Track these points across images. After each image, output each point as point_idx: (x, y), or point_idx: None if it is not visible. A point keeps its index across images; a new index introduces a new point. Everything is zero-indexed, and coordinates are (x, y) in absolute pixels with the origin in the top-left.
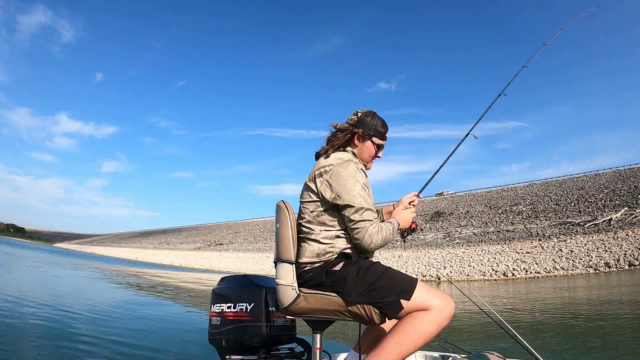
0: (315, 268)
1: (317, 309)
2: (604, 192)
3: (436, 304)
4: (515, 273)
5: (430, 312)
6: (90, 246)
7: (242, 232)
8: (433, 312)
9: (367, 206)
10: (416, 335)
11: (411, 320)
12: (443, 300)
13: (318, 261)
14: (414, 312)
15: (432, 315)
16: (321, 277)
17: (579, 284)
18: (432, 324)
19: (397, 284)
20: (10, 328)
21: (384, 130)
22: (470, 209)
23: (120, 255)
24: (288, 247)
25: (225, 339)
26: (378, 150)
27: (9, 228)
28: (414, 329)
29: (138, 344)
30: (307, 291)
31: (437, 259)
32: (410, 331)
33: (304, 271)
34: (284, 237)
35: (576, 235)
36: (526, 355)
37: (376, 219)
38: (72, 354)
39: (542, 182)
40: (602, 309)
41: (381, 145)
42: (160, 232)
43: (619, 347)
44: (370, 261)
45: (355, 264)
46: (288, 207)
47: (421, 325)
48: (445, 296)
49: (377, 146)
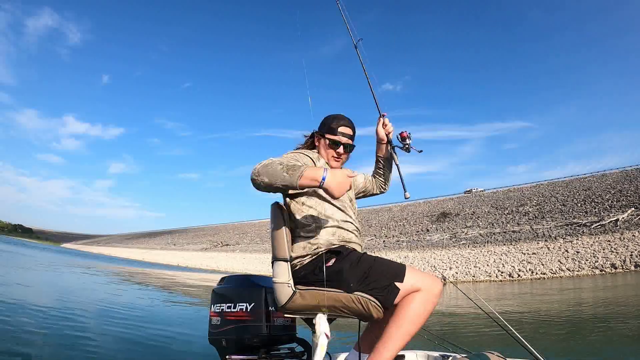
0: (307, 264)
1: (314, 306)
2: (611, 192)
3: (426, 284)
4: (520, 274)
5: (421, 292)
6: (97, 246)
7: (248, 233)
8: (424, 292)
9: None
10: (414, 316)
11: (406, 303)
12: (431, 279)
13: (306, 255)
14: (408, 295)
15: (424, 295)
16: (315, 273)
17: (585, 285)
18: (426, 302)
19: (389, 269)
20: (19, 327)
21: (336, 125)
22: (477, 209)
23: (127, 255)
24: (282, 245)
25: (225, 339)
26: (335, 146)
27: (16, 228)
28: (411, 310)
29: (138, 342)
30: (303, 288)
31: (443, 260)
32: (407, 313)
33: (297, 269)
34: (277, 236)
35: (582, 236)
36: (527, 356)
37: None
38: (74, 351)
39: (548, 182)
40: (607, 310)
41: (336, 141)
42: (166, 232)
43: (623, 348)
44: (360, 252)
45: (346, 257)
46: (281, 207)
47: (417, 305)
48: (432, 276)
49: (332, 142)
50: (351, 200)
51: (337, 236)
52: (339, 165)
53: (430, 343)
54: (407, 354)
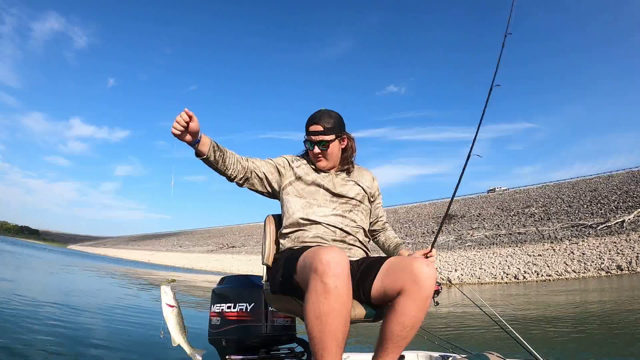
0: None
1: (291, 309)
2: (617, 193)
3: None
4: (526, 276)
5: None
6: (103, 248)
7: (254, 235)
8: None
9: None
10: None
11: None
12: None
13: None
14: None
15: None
16: (271, 278)
17: (590, 287)
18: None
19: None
20: (26, 327)
21: (307, 126)
22: (482, 211)
23: (133, 257)
24: (265, 251)
25: (225, 339)
26: (310, 147)
27: (22, 230)
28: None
29: (139, 341)
30: (274, 295)
31: (448, 262)
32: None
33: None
34: (263, 244)
35: (588, 238)
36: (527, 357)
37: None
38: (76, 348)
39: (554, 183)
40: (612, 313)
41: (309, 142)
42: (172, 234)
43: (627, 349)
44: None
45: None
46: (272, 219)
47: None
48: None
49: (306, 144)
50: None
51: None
52: (325, 165)
53: (431, 344)
54: (408, 354)
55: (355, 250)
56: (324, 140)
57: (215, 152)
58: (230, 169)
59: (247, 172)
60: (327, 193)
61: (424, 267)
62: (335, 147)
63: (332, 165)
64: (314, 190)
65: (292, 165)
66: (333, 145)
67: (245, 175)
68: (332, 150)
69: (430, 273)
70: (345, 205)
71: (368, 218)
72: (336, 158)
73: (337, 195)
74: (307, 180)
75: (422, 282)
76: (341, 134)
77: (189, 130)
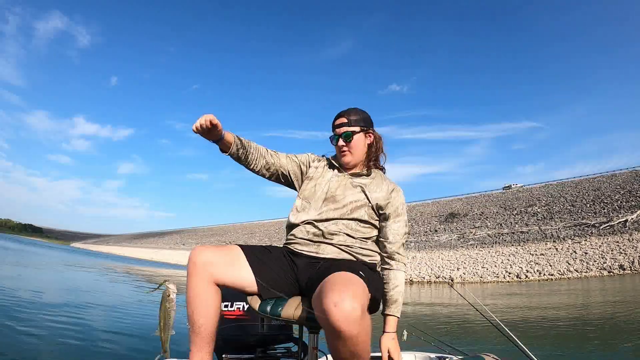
0: None
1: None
2: (620, 192)
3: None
4: (528, 275)
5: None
6: (106, 246)
7: (257, 233)
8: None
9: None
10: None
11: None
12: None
13: None
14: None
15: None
16: None
17: (592, 287)
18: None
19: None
20: (29, 324)
21: (333, 123)
22: (485, 210)
23: (136, 255)
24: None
25: (222, 338)
26: (334, 141)
27: (26, 228)
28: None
29: (140, 339)
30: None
31: (451, 261)
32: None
33: None
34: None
35: (591, 237)
36: (522, 357)
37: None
38: (79, 344)
39: (557, 182)
40: (614, 313)
41: (333, 137)
42: (175, 232)
43: (626, 348)
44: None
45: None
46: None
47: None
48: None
49: (332, 138)
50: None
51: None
52: (350, 160)
53: (427, 344)
54: (404, 355)
55: (324, 247)
56: (348, 132)
57: (238, 149)
58: (252, 164)
59: (272, 168)
60: (322, 196)
61: (332, 306)
62: (361, 141)
63: (357, 161)
64: (314, 192)
65: (312, 165)
66: (358, 138)
67: (270, 171)
68: (356, 143)
69: (342, 314)
70: (335, 212)
71: (368, 228)
72: (361, 153)
73: (330, 200)
74: (316, 181)
75: (331, 322)
76: (367, 127)
77: (210, 133)
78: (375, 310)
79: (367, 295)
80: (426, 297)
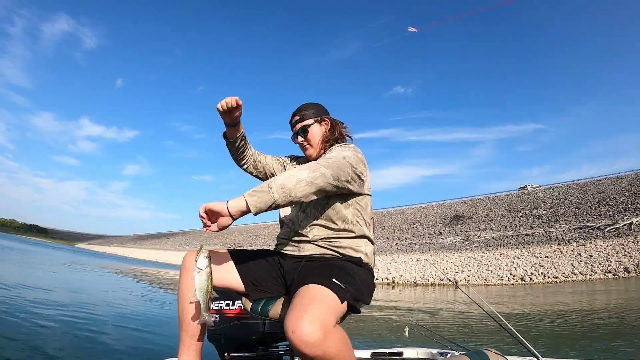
0: None
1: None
2: (625, 195)
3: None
4: (533, 277)
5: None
6: (111, 247)
7: (261, 235)
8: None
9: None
10: None
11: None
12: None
13: None
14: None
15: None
16: None
17: (597, 289)
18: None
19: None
20: (34, 323)
21: (290, 121)
22: (490, 212)
23: (140, 256)
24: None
25: (224, 337)
26: (294, 137)
27: (32, 228)
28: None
29: (138, 340)
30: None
31: (455, 263)
32: None
33: None
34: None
35: (596, 240)
36: (525, 354)
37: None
38: (84, 344)
39: (563, 184)
40: (617, 314)
41: (292, 135)
42: (180, 233)
43: (628, 347)
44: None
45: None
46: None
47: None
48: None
49: (292, 137)
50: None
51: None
52: (311, 152)
53: (430, 340)
54: (406, 350)
55: (303, 245)
56: (303, 126)
57: (242, 140)
58: (245, 159)
59: (259, 166)
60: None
61: (291, 332)
62: (317, 131)
63: (318, 152)
64: None
65: (289, 165)
66: (313, 129)
67: (257, 169)
68: (312, 135)
69: (299, 340)
70: (304, 205)
71: (337, 200)
72: (320, 143)
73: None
74: None
75: (294, 347)
76: (321, 117)
77: (231, 115)
78: (358, 311)
79: (336, 308)
80: (430, 298)
